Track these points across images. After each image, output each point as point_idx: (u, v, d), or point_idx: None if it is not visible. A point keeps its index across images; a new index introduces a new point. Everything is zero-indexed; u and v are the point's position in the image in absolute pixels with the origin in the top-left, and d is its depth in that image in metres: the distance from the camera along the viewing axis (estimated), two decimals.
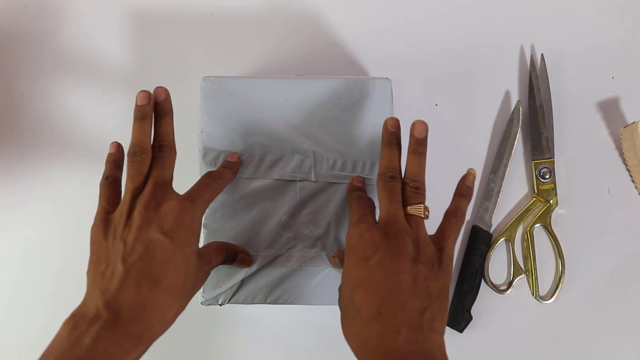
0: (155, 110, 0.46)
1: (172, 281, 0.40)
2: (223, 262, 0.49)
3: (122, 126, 0.61)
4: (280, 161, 0.53)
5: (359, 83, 0.53)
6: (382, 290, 0.40)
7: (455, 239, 0.45)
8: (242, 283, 0.52)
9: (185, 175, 0.59)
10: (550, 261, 0.60)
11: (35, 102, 0.61)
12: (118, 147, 0.48)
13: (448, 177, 0.60)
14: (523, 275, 0.60)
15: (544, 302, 0.59)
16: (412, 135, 0.47)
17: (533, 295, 0.59)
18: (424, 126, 0.46)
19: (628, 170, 0.60)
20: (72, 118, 0.61)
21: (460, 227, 0.46)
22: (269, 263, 0.52)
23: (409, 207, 0.45)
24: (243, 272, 0.52)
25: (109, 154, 0.48)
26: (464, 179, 0.49)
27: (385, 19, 0.62)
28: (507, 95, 0.61)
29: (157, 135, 0.46)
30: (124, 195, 0.44)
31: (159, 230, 0.41)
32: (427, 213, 0.45)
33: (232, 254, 0.50)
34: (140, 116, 0.45)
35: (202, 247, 0.47)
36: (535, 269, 0.59)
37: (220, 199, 0.52)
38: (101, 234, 0.42)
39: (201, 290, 0.52)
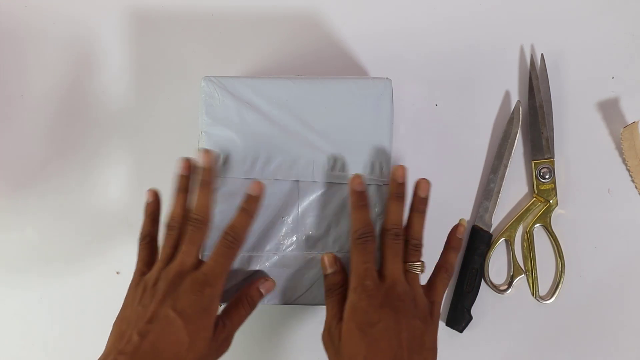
0: (196, 178, 0.49)
1: (183, 358, 0.44)
2: (246, 312, 0.50)
3: (122, 126, 0.61)
4: (281, 161, 0.53)
5: (360, 83, 0.53)
6: (388, 350, 0.44)
7: (445, 292, 0.50)
8: (242, 283, 0.52)
9: None
10: (550, 261, 0.60)
11: (35, 102, 0.61)
12: (155, 196, 0.52)
13: (448, 177, 0.60)
14: (523, 275, 0.60)
15: (544, 302, 0.59)
16: (416, 193, 0.50)
17: (533, 295, 0.59)
18: (428, 185, 0.50)
19: (628, 170, 0.60)
20: (71, 118, 0.61)
21: (450, 280, 0.51)
22: (269, 263, 0.52)
23: (408, 264, 0.49)
24: (243, 273, 0.52)
25: (147, 204, 0.52)
26: (455, 231, 0.52)
27: (385, 19, 0.62)
28: (507, 95, 0.61)
29: (193, 207, 0.49)
30: (157, 262, 0.48)
31: (173, 308, 0.44)
32: (423, 269, 0.49)
33: (251, 295, 0.51)
34: (178, 188, 0.50)
35: (222, 312, 0.49)
36: (535, 269, 0.60)
37: (220, 199, 0.52)
38: (132, 295, 0.48)
39: None
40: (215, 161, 0.50)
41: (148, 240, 0.51)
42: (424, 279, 0.51)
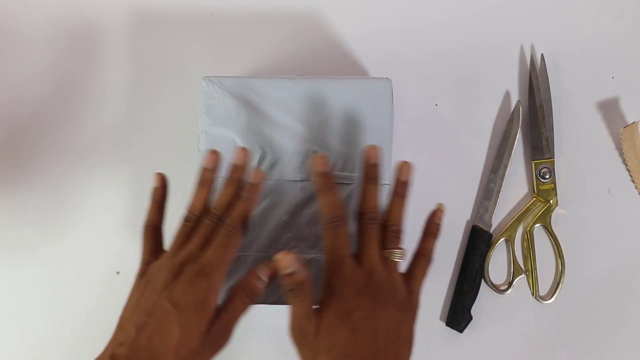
0: (242, 184, 0.48)
1: (174, 352, 0.42)
2: (244, 304, 0.47)
3: (122, 126, 0.61)
4: (281, 161, 0.53)
5: (360, 83, 0.53)
6: (365, 339, 0.43)
7: (424, 280, 0.48)
8: None
9: (186, 176, 0.59)
10: (550, 261, 0.60)
11: (35, 102, 0.61)
12: (162, 180, 0.50)
13: (448, 177, 0.60)
14: (523, 275, 0.60)
15: (544, 302, 0.59)
16: (396, 177, 0.49)
17: (533, 295, 0.59)
18: (409, 168, 0.48)
19: (628, 170, 0.60)
20: (72, 118, 0.61)
21: (429, 268, 0.49)
22: None
23: (387, 251, 0.47)
24: (243, 273, 0.52)
25: (153, 189, 0.50)
26: (433, 217, 0.51)
27: (385, 19, 0.62)
28: (507, 95, 0.61)
29: (230, 212, 0.46)
30: (165, 253, 0.47)
31: (169, 299, 0.43)
32: (403, 256, 0.47)
33: (249, 285, 0.47)
34: (201, 181, 0.48)
35: (221, 305, 0.46)
36: (535, 269, 0.60)
37: None
38: (136, 285, 0.46)
39: None
40: (250, 159, 0.48)
41: (152, 229, 0.49)
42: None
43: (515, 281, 0.59)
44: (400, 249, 0.47)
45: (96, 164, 0.61)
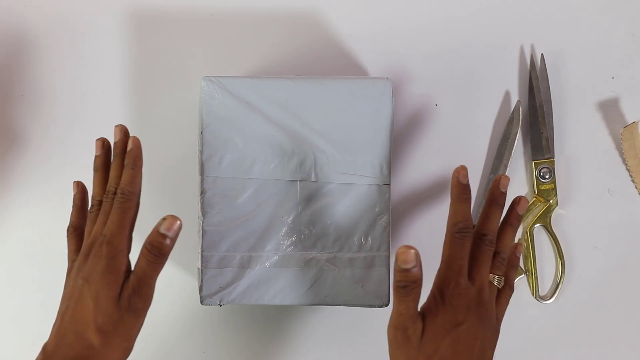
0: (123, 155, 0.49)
1: (92, 323, 0.44)
2: (150, 261, 0.46)
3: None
4: (281, 161, 0.53)
5: (360, 83, 0.53)
6: (463, 354, 0.44)
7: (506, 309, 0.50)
8: (242, 283, 0.52)
9: (187, 176, 0.59)
10: (550, 261, 0.60)
11: (35, 102, 0.61)
12: (78, 187, 0.52)
13: (448, 177, 0.60)
14: (523, 275, 0.60)
15: (544, 302, 0.59)
16: (514, 208, 0.50)
17: (533, 295, 0.60)
18: (527, 204, 0.50)
19: (628, 170, 0.60)
20: (72, 118, 0.61)
21: (510, 298, 0.50)
22: (269, 263, 0.52)
23: (492, 275, 0.47)
24: (243, 272, 0.52)
25: (73, 196, 0.52)
26: (515, 250, 0.51)
27: (385, 19, 0.62)
28: (507, 95, 0.61)
29: (120, 182, 0.48)
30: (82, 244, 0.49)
31: (82, 277, 0.45)
32: (503, 284, 0.48)
33: (150, 242, 0.46)
34: (95, 168, 0.50)
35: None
36: (535, 269, 0.60)
37: (220, 199, 0.52)
38: (65, 283, 0.48)
39: (201, 290, 0.52)
40: (127, 132, 0.50)
41: (72, 230, 0.51)
42: None
43: (515, 281, 0.59)
44: (502, 277, 0.48)
45: None
